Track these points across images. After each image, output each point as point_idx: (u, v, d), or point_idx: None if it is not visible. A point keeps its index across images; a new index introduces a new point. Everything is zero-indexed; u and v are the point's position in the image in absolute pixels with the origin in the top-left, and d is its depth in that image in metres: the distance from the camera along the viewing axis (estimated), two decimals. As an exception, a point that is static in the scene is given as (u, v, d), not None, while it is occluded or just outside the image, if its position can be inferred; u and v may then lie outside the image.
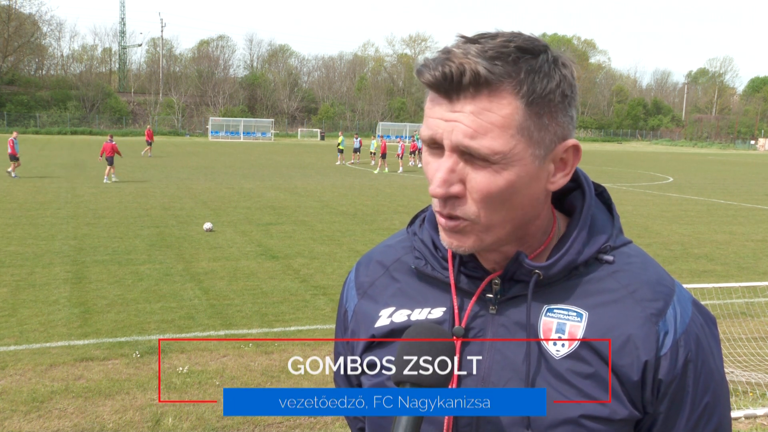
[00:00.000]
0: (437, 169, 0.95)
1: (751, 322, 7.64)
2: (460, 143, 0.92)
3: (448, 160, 0.93)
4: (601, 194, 1.13)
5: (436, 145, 0.95)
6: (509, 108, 0.91)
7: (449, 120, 0.92)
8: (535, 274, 1.01)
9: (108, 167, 21.90)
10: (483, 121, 0.91)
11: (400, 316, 1.09)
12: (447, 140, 0.93)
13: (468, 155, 0.93)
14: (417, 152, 36.05)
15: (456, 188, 0.94)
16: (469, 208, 0.95)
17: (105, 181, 21.53)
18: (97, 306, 7.65)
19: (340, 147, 36.13)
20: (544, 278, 1.02)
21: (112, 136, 24.14)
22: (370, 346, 1.12)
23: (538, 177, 0.97)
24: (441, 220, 0.98)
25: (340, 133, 40.41)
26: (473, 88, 0.90)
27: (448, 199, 0.96)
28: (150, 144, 38.50)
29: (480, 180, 0.93)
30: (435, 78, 0.91)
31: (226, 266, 9.85)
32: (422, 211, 1.20)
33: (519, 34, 0.93)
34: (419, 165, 35.31)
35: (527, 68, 0.91)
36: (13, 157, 22.66)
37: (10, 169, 22.54)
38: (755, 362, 6.37)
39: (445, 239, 1.00)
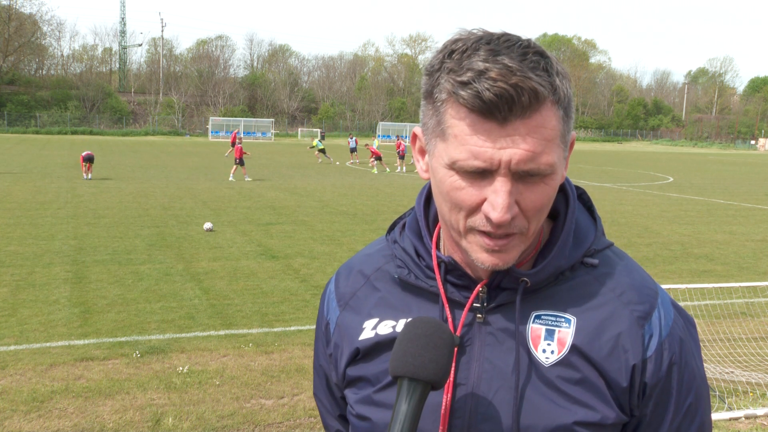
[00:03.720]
0: (494, 193, 0.89)
1: (751, 322, 7.64)
2: (520, 169, 0.88)
3: (506, 185, 0.89)
4: (581, 196, 1.12)
5: (480, 171, 0.89)
6: (554, 119, 0.89)
7: (504, 147, 0.87)
8: (522, 282, 1.00)
9: (238, 167, 24.38)
10: (539, 139, 0.88)
11: (385, 328, 1.06)
12: (504, 168, 0.88)
13: (519, 175, 0.89)
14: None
15: (515, 209, 0.91)
16: (521, 223, 0.93)
17: (237, 178, 23.67)
18: (97, 306, 7.65)
19: (320, 147, 36.35)
20: (531, 285, 1.00)
21: (241, 140, 26.32)
22: (355, 360, 1.09)
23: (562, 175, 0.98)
24: (489, 242, 0.93)
25: (311, 139, 40.62)
26: (529, 108, 0.86)
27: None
28: (234, 146, 39.12)
29: (535, 197, 0.91)
30: (488, 101, 0.85)
31: (226, 266, 9.85)
32: (401, 218, 1.17)
33: (518, 39, 0.90)
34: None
35: (554, 73, 0.88)
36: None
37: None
38: (755, 362, 6.36)
39: (486, 260, 0.94)
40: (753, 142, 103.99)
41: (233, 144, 38.91)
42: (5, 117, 72.95)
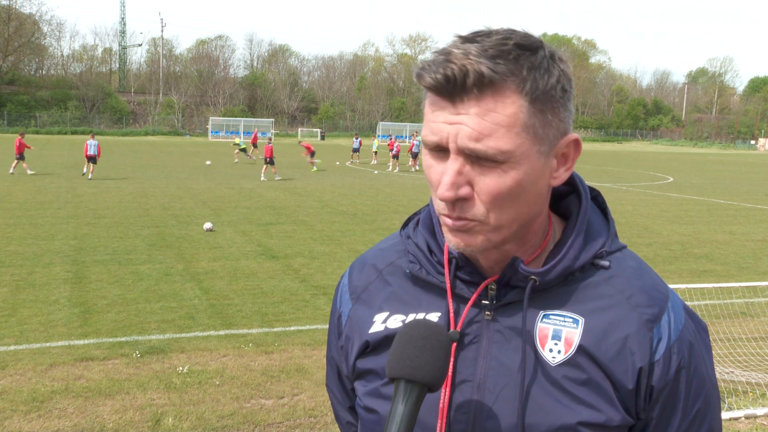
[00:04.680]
0: (444, 172, 0.92)
1: (751, 322, 7.65)
2: (466, 146, 0.90)
3: (454, 163, 0.91)
4: (596, 198, 1.12)
5: (439, 149, 0.93)
6: (513, 107, 0.89)
7: (453, 123, 0.90)
8: (531, 280, 1.00)
9: (270, 167, 25.06)
10: (488, 122, 0.89)
11: (394, 322, 1.07)
12: (452, 143, 0.90)
13: (474, 157, 0.91)
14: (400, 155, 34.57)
15: (464, 191, 0.92)
16: (478, 209, 0.93)
17: (269, 178, 24.53)
18: (97, 306, 7.65)
19: (242, 147, 35.72)
20: (540, 284, 1.01)
21: (271, 139, 26.98)
22: (365, 352, 1.10)
23: (542, 173, 0.96)
24: (448, 221, 0.95)
25: (234, 136, 39.69)
26: (477, 89, 0.88)
27: (456, 202, 0.93)
28: (255, 146, 39.31)
29: (488, 182, 0.91)
30: (437, 81, 0.89)
31: (226, 266, 9.85)
32: (416, 214, 1.18)
33: (514, 31, 0.92)
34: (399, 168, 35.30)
35: (528, 65, 0.89)
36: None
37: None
38: (755, 362, 6.37)
39: (451, 240, 0.97)
40: (753, 142, 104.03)
41: (255, 144, 39.22)
42: (5, 117, 72.94)
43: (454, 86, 0.89)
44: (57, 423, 4.78)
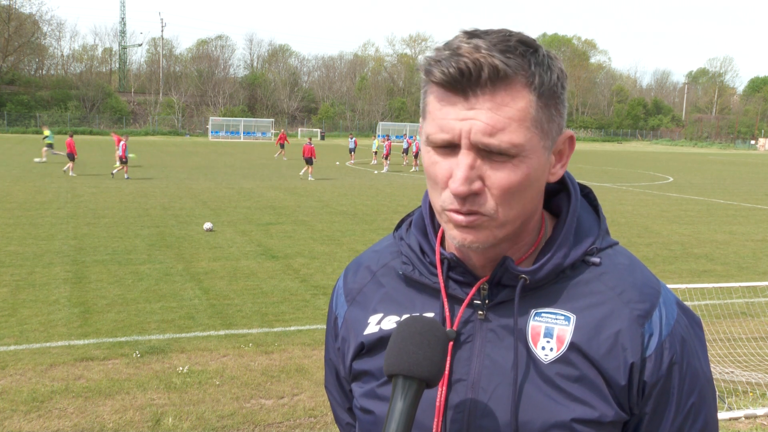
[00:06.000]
0: (456, 166, 0.92)
1: (751, 322, 7.64)
2: (480, 141, 0.90)
3: (466, 158, 0.91)
4: (587, 195, 1.13)
5: (448, 145, 0.93)
6: (524, 101, 0.91)
7: (466, 119, 0.90)
8: (521, 279, 1.01)
9: (307, 166, 25.49)
10: (501, 116, 0.90)
11: (389, 323, 1.08)
12: (465, 139, 0.90)
13: (486, 152, 0.91)
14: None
15: (477, 185, 0.92)
16: (489, 204, 0.93)
17: (303, 176, 25.06)
18: (97, 306, 7.65)
19: (49, 141, 31.64)
20: (531, 282, 1.01)
21: (311, 139, 27.49)
22: (360, 354, 1.11)
23: (544, 169, 0.98)
24: (457, 217, 0.95)
25: (44, 128, 35.15)
26: (491, 84, 0.89)
27: (468, 197, 0.93)
28: (283, 147, 38.94)
29: (501, 176, 0.92)
30: (449, 75, 0.89)
31: (226, 266, 9.85)
32: (408, 215, 1.18)
33: (510, 30, 0.94)
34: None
35: (534, 61, 0.91)
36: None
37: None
38: (755, 362, 6.37)
39: (456, 236, 0.96)
40: (753, 142, 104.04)
41: (281, 145, 39.04)
42: (5, 117, 72.91)
43: (468, 80, 0.89)
44: (57, 423, 4.78)
